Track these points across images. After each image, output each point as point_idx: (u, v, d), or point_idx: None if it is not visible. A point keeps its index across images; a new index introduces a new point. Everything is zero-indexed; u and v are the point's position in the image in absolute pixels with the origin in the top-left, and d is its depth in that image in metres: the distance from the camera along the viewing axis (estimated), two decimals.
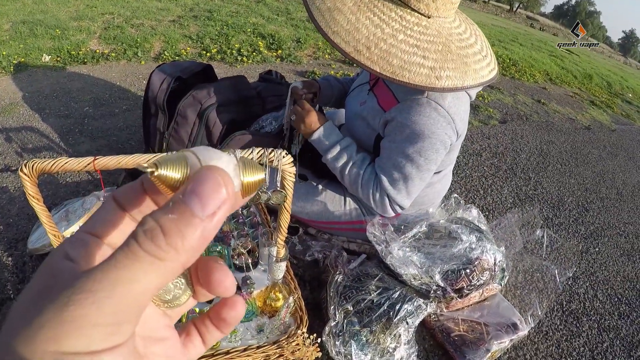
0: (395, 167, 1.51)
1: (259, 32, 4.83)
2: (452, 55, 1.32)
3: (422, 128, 1.43)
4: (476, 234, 1.59)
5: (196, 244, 0.23)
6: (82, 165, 1.10)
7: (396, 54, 1.29)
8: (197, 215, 0.23)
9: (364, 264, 1.62)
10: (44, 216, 1.21)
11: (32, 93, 3.02)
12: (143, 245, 0.22)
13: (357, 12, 1.34)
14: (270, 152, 1.17)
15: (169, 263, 0.23)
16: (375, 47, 1.30)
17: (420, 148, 1.46)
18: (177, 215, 0.23)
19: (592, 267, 2.23)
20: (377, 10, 1.34)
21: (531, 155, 3.37)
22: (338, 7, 1.35)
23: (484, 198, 2.58)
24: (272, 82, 2.22)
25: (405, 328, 1.39)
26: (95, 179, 2.13)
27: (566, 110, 4.91)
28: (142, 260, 0.22)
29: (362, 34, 1.31)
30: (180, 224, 0.22)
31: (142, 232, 0.23)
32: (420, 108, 1.43)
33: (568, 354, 1.70)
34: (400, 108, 1.48)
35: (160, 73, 1.89)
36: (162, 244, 0.22)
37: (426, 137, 1.44)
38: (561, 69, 7.21)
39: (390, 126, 1.52)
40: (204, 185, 0.23)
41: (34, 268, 1.62)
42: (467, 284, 1.50)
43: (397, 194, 1.54)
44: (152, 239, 0.22)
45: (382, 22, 1.32)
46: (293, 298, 1.31)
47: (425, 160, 1.48)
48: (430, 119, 1.42)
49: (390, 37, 1.30)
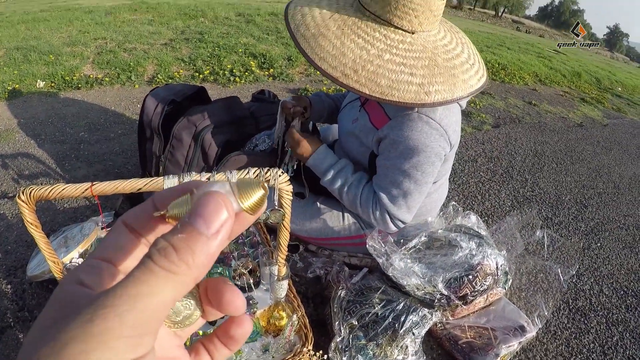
0: (393, 184, 1.52)
1: (250, 52, 4.86)
2: (439, 69, 1.34)
3: (415, 143, 1.43)
4: (476, 240, 1.59)
5: (205, 259, 0.25)
6: (80, 192, 1.10)
7: (383, 74, 1.31)
8: (203, 233, 0.25)
9: (366, 278, 1.62)
10: (42, 243, 1.21)
11: (27, 119, 3.04)
12: (158, 262, 0.24)
13: (341, 36, 1.36)
14: (266, 171, 1.18)
15: (182, 277, 0.24)
16: (363, 70, 1.32)
17: (416, 163, 1.46)
18: (185, 235, 0.25)
19: (596, 263, 2.23)
20: (361, 32, 1.36)
21: (526, 157, 3.38)
22: (322, 32, 1.37)
23: (482, 203, 2.58)
24: (265, 101, 2.24)
25: (412, 339, 1.39)
26: (93, 204, 2.13)
27: (558, 110, 4.94)
28: (158, 275, 0.24)
29: (348, 57, 1.33)
30: (189, 242, 0.24)
31: (155, 250, 0.24)
32: (411, 123, 1.43)
33: (578, 351, 1.69)
34: (392, 125, 1.49)
35: (154, 97, 1.90)
36: (174, 259, 0.24)
37: (421, 152, 1.44)
38: (550, 69, 7.26)
39: (384, 144, 1.52)
40: (206, 207, 0.25)
41: (34, 295, 1.61)
42: (470, 290, 1.50)
43: (398, 210, 1.54)
44: (166, 255, 0.24)
45: (367, 43, 1.34)
46: (297, 316, 1.31)
47: (422, 174, 1.49)
48: (423, 133, 1.42)
49: (377, 58, 1.32)
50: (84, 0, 7.39)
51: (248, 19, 6.65)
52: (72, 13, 6.11)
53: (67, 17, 5.83)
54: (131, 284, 0.23)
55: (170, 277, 0.24)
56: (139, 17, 6.21)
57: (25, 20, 5.64)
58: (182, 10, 6.73)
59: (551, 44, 11.14)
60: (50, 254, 1.25)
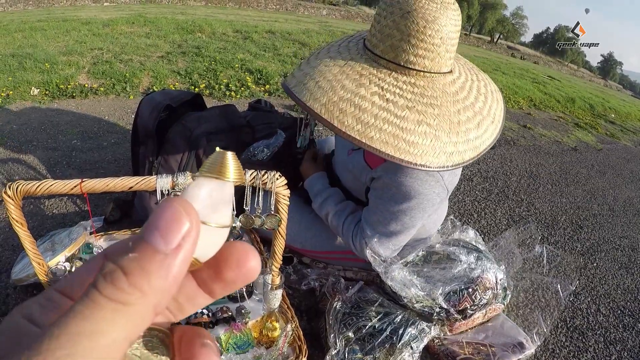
0: (380, 222, 1.48)
1: (246, 67, 4.87)
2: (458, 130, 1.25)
3: (408, 190, 1.38)
4: (475, 254, 1.56)
5: (164, 283, 0.20)
6: (69, 188, 1.06)
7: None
8: (160, 250, 0.20)
9: (362, 290, 1.57)
10: (27, 242, 1.17)
11: (19, 125, 3.00)
12: (103, 291, 0.20)
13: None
14: (263, 174, 1.15)
15: (137, 307, 0.20)
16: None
17: (406, 208, 1.42)
18: (138, 254, 0.20)
19: (592, 282, 2.22)
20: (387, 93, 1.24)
21: (521, 178, 3.38)
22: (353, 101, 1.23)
23: (478, 221, 2.56)
24: (261, 110, 2.22)
25: (410, 353, 1.34)
26: (83, 210, 2.08)
27: (552, 134, 4.97)
28: (103, 308, 0.19)
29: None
30: (143, 262, 0.20)
31: (101, 277, 0.20)
32: (406, 169, 1.36)
33: None
34: (386, 167, 1.43)
35: (149, 101, 1.88)
36: (124, 285, 0.20)
37: (412, 198, 1.39)
38: (544, 94, 7.34)
39: (377, 183, 1.48)
40: (163, 217, 0.21)
41: (17, 300, 1.56)
42: (470, 304, 1.46)
43: (380, 246, 1.49)
44: (113, 281, 0.20)
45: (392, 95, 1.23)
46: (291, 326, 1.27)
47: (410, 218, 1.45)
48: (418, 180, 1.37)
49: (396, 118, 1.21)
50: (81, 12, 7.40)
51: (245, 36, 6.69)
52: (70, 24, 6.12)
53: (64, 27, 5.84)
54: (71, 321, 0.19)
55: (120, 309, 0.20)
56: (136, 30, 6.23)
57: (22, 29, 5.64)
58: (180, 25, 6.77)
59: (546, 70, 11.30)
60: (35, 254, 1.21)
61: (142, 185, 1.11)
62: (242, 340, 1.30)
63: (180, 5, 15.26)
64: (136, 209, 1.89)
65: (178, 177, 1.13)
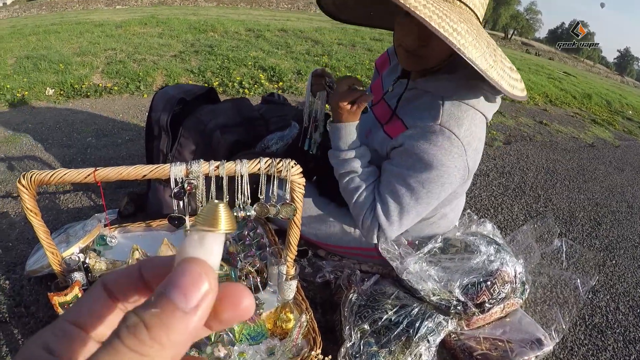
0: (393, 194, 1.39)
1: (259, 65, 4.87)
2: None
3: (430, 158, 1.30)
4: (494, 246, 1.52)
5: (182, 338, 0.22)
6: (83, 177, 1.06)
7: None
8: (180, 308, 0.22)
9: (378, 283, 1.55)
10: (41, 232, 1.17)
11: (35, 124, 3.04)
12: (125, 341, 0.21)
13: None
14: (278, 162, 1.14)
15: (155, 358, 0.21)
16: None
17: (424, 179, 1.34)
18: (159, 309, 0.22)
19: (611, 280, 2.16)
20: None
21: (538, 174, 3.33)
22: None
23: (495, 217, 2.52)
24: (274, 103, 2.20)
25: (427, 347, 1.31)
26: (97, 204, 2.09)
27: (568, 130, 4.90)
28: (124, 357, 0.21)
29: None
30: (164, 317, 0.22)
31: (124, 328, 0.22)
32: (431, 136, 1.30)
33: None
34: (409, 134, 1.36)
35: (163, 95, 1.88)
36: (145, 338, 0.21)
37: (433, 169, 1.32)
38: (560, 90, 7.24)
39: (396, 151, 1.40)
40: (184, 277, 0.23)
41: (32, 291, 1.58)
42: (488, 298, 1.43)
43: (389, 226, 1.42)
44: (135, 334, 0.21)
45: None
46: (306, 317, 1.25)
47: (427, 193, 1.36)
48: (442, 149, 1.29)
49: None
50: (94, 15, 7.47)
51: (257, 34, 6.70)
52: (83, 26, 6.19)
53: (78, 30, 5.91)
54: None
55: (141, 359, 0.21)
56: (149, 31, 6.28)
57: (37, 32, 5.72)
58: (192, 25, 6.81)
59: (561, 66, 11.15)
60: (49, 244, 1.21)
61: (155, 173, 1.11)
62: (255, 332, 1.28)
63: (192, 7, 15.37)
64: (150, 202, 1.89)
65: (192, 165, 1.12)
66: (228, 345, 1.20)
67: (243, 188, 1.14)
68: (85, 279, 1.38)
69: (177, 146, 1.79)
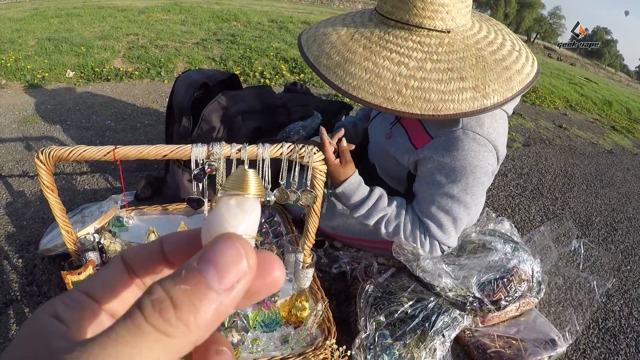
0: (442, 210, 1.37)
1: (281, 56, 4.85)
2: (489, 65, 1.21)
3: (463, 164, 1.29)
4: (511, 244, 1.51)
5: (210, 321, 0.20)
6: (102, 154, 1.06)
7: (431, 87, 1.17)
8: (213, 287, 0.20)
9: (395, 276, 1.54)
10: (57, 209, 1.17)
11: (54, 106, 3.05)
12: (149, 319, 0.19)
13: (370, 56, 1.22)
14: (300, 147, 1.13)
15: (178, 340, 0.20)
16: (406, 88, 1.18)
17: (465, 186, 1.32)
18: (190, 287, 0.20)
19: (626, 285, 2.14)
20: (392, 45, 1.22)
21: (556, 177, 3.30)
22: (348, 58, 1.24)
23: (512, 217, 2.50)
24: (297, 92, 2.19)
25: (442, 342, 1.30)
26: (114, 187, 2.10)
27: (587, 135, 4.83)
28: (147, 336, 0.19)
29: (386, 78, 1.19)
30: (194, 297, 0.20)
31: (149, 302, 0.20)
32: (457, 142, 1.29)
33: None
34: (434, 145, 1.35)
35: (185, 79, 1.87)
36: (171, 318, 0.19)
37: (469, 173, 1.30)
38: (581, 95, 7.15)
39: (427, 166, 1.38)
40: (222, 255, 0.21)
41: (44, 270, 1.59)
42: (504, 295, 1.42)
43: (448, 237, 1.40)
44: (161, 311, 0.20)
45: (402, 56, 1.20)
46: (322, 306, 1.24)
47: (472, 197, 1.35)
48: (471, 152, 1.28)
49: (418, 70, 1.18)
50: (117, 1, 7.50)
51: (280, 26, 6.67)
52: (105, 10, 6.20)
53: (100, 14, 5.92)
54: (112, 343, 0.19)
55: (162, 339, 0.19)
56: (172, 18, 6.28)
57: (59, 15, 5.73)
58: (215, 13, 6.79)
59: (582, 72, 11.00)
60: (64, 222, 1.21)
61: (176, 153, 1.10)
62: (270, 319, 1.28)
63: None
64: (168, 186, 1.89)
65: (213, 147, 1.11)
66: (242, 332, 1.20)
67: (264, 173, 1.14)
68: (99, 259, 1.38)
69: (198, 130, 1.78)
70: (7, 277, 1.56)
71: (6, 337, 1.36)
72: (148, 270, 0.26)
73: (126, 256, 0.26)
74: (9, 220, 1.83)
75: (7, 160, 2.26)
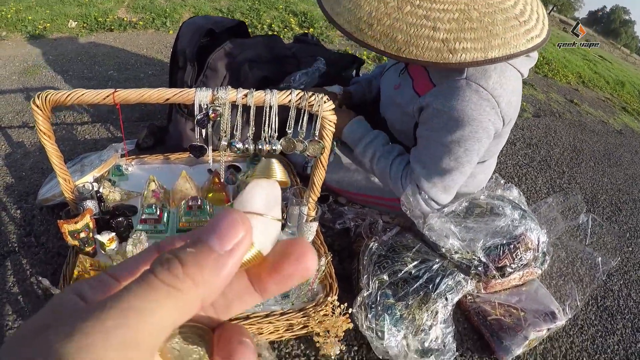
0: (431, 158, 1.37)
1: (290, 9, 4.72)
2: (472, 23, 1.16)
3: (461, 115, 1.27)
4: (519, 211, 1.47)
5: (214, 278, 0.22)
6: (101, 97, 1.01)
7: (401, 28, 1.18)
8: (215, 250, 0.22)
9: (400, 234, 1.50)
10: (54, 156, 1.12)
11: (55, 56, 2.99)
12: (159, 275, 0.21)
13: None
14: (310, 95, 1.07)
15: (186, 295, 0.21)
16: (378, 24, 1.20)
17: (459, 137, 1.30)
18: (195, 249, 0.22)
19: (626, 266, 2.13)
20: None
21: (565, 151, 3.26)
22: None
23: (519, 186, 2.48)
24: (307, 43, 2.12)
25: (444, 305, 1.27)
26: (115, 136, 2.06)
27: (598, 113, 4.77)
28: (157, 289, 0.21)
29: (364, 10, 1.22)
30: (199, 257, 0.22)
31: (158, 263, 0.22)
32: (458, 92, 1.27)
33: (602, 350, 1.60)
34: (435, 93, 1.33)
35: (191, 24, 1.80)
36: (179, 273, 0.21)
37: (466, 125, 1.28)
38: (594, 73, 7.05)
39: (426, 113, 1.36)
40: (223, 224, 0.23)
41: (42, 221, 1.57)
42: (510, 262, 1.38)
43: (431, 187, 1.39)
44: (169, 268, 0.21)
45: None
46: (324, 261, 1.21)
47: (465, 151, 1.32)
48: (471, 104, 1.26)
49: (395, 11, 1.18)
50: None
51: None
52: None
53: None
54: (124, 297, 0.20)
55: (172, 293, 0.21)
56: None
57: None
58: None
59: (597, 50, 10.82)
60: (62, 170, 1.17)
61: (179, 97, 1.05)
62: None
63: None
64: (170, 135, 1.84)
65: (218, 91, 1.06)
66: None
67: (271, 120, 1.09)
68: (97, 207, 1.35)
69: (203, 78, 1.72)
70: (5, 228, 1.54)
71: (4, 289, 1.33)
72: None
73: (162, 244, 0.27)
74: (7, 171, 1.80)
75: (6, 112, 2.22)
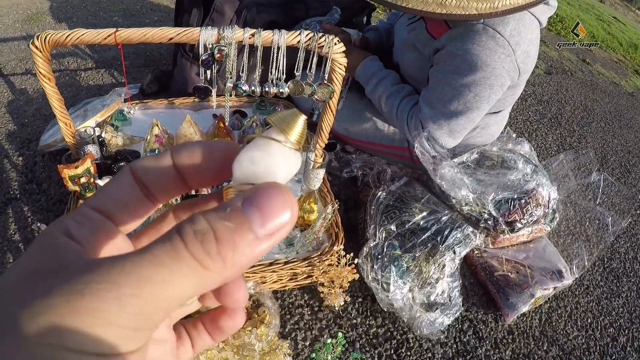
0: (440, 100, 1.34)
1: None
2: None
3: (474, 59, 1.24)
4: (531, 166, 1.44)
5: (245, 261, 0.20)
6: (102, 37, 0.96)
7: None
8: (255, 231, 0.20)
9: (408, 184, 1.47)
10: (54, 99, 1.09)
11: (59, 3, 2.91)
12: (190, 247, 0.19)
13: None
14: (320, 36, 1.02)
15: (212, 274, 0.19)
16: None
17: (470, 82, 1.27)
18: (233, 225, 0.20)
19: (633, 229, 2.11)
20: None
21: (575, 109, 3.21)
22: None
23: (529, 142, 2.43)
24: None
25: (452, 258, 1.26)
26: (119, 82, 2.02)
27: (610, 74, 4.68)
28: (185, 263, 0.19)
29: None
30: (236, 235, 0.20)
31: (192, 231, 0.19)
32: (474, 35, 1.23)
33: (607, 312, 1.60)
34: (451, 35, 1.29)
35: None
36: (212, 250, 0.19)
37: (478, 70, 1.25)
38: (607, 34, 6.88)
39: (440, 54, 1.33)
40: (269, 201, 0.21)
41: (44, 168, 1.55)
42: (520, 217, 1.36)
43: (437, 129, 1.36)
44: (203, 242, 0.19)
45: None
46: (331, 208, 1.18)
47: (475, 96, 1.29)
48: (486, 49, 1.22)
49: None
50: None
51: None
52: None
53: None
54: (147, 264, 0.18)
55: (199, 270, 0.19)
56: None
57: None
58: None
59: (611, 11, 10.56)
60: (62, 113, 1.13)
61: (183, 36, 1.00)
62: None
63: None
64: (175, 80, 1.80)
65: (224, 30, 1.01)
66: None
67: (278, 62, 1.04)
68: (99, 152, 1.32)
69: (209, 21, 1.66)
70: (7, 175, 1.52)
71: (5, 236, 1.33)
72: (160, 186, 0.26)
73: (135, 169, 0.25)
74: (10, 118, 1.77)
75: (9, 59, 2.17)
